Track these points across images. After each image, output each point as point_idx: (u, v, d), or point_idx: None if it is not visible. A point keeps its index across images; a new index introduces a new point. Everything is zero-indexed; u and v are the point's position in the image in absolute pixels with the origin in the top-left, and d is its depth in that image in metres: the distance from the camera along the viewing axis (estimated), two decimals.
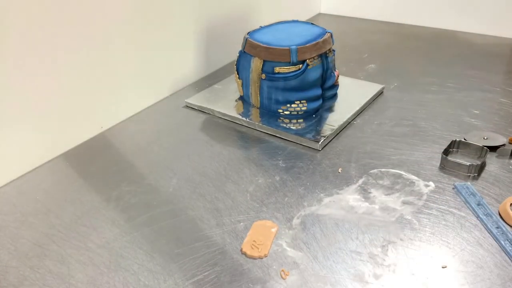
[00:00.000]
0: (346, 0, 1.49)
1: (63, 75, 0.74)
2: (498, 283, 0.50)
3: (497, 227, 0.57)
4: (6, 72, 0.65)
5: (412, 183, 0.66)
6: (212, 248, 0.56)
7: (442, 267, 0.52)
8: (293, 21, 0.91)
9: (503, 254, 0.54)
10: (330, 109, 0.86)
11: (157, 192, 0.67)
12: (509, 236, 0.55)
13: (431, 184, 0.66)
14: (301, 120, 0.82)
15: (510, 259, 0.53)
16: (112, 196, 0.66)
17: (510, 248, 0.54)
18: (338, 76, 0.88)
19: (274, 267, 0.53)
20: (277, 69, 0.80)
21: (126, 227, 0.60)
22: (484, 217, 0.59)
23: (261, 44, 0.80)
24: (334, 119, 0.82)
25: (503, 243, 0.54)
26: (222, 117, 0.87)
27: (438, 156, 0.72)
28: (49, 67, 0.71)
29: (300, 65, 0.79)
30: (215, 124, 0.85)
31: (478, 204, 0.61)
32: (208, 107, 0.88)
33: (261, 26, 0.89)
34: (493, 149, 0.72)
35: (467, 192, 0.63)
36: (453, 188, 0.65)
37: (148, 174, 0.71)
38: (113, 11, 0.79)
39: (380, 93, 0.94)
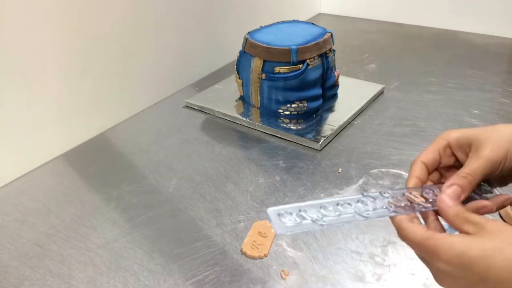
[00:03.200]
0: (346, 0, 1.49)
1: (63, 75, 0.74)
2: None
3: None
4: (5, 72, 0.65)
5: None
6: (212, 248, 0.56)
7: None
8: (293, 21, 0.91)
9: None
10: (330, 109, 0.86)
11: (158, 192, 0.67)
12: None
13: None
14: (301, 120, 0.82)
15: None
16: (112, 196, 0.66)
17: None
18: (338, 76, 0.88)
19: (274, 267, 0.53)
20: (277, 69, 0.79)
21: (126, 227, 0.60)
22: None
23: (261, 44, 0.80)
24: (334, 119, 0.82)
25: None
26: (222, 117, 0.87)
27: None
28: (49, 67, 0.71)
29: (300, 65, 0.79)
30: (215, 124, 0.85)
31: None
32: (208, 107, 0.88)
33: (261, 26, 0.88)
34: None
35: None
36: None
37: (148, 174, 0.71)
38: (113, 12, 0.79)
39: (380, 93, 0.94)
